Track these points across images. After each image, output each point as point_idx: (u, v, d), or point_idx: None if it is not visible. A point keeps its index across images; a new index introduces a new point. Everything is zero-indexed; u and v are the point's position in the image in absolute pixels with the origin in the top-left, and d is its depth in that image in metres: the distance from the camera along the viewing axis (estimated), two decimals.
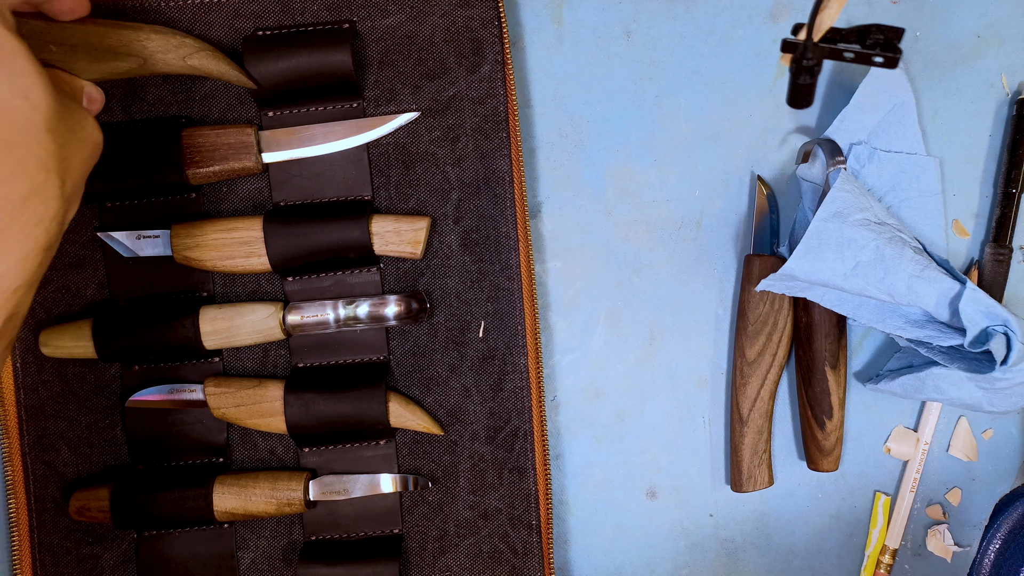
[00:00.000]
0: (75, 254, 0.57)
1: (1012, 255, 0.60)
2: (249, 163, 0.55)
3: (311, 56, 0.54)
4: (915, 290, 0.53)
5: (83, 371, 0.57)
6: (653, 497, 0.62)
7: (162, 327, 0.55)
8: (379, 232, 0.55)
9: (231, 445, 0.58)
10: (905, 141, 0.58)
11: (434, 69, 0.56)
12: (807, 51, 0.44)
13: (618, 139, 0.60)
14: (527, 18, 0.60)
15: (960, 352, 0.55)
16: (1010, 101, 0.60)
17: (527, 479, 0.58)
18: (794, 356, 0.60)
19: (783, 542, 0.62)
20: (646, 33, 0.60)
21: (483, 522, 0.58)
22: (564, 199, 0.60)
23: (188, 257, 0.55)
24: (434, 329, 0.58)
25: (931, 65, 0.60)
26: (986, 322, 0.53)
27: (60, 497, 0.57)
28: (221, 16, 0.56)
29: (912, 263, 0.53)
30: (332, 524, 0.58)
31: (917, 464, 0.61)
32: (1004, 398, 0.55)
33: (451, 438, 0.58)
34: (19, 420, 0.57)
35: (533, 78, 0.60)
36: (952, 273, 0.55)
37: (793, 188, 0.60)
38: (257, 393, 0.56)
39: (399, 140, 0.57)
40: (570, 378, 0.61)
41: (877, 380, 0.59)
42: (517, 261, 0.57)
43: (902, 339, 0.56)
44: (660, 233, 0.61)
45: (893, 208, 0.58)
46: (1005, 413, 0.59)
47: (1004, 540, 0.61)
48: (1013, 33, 0.60)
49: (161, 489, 0.56)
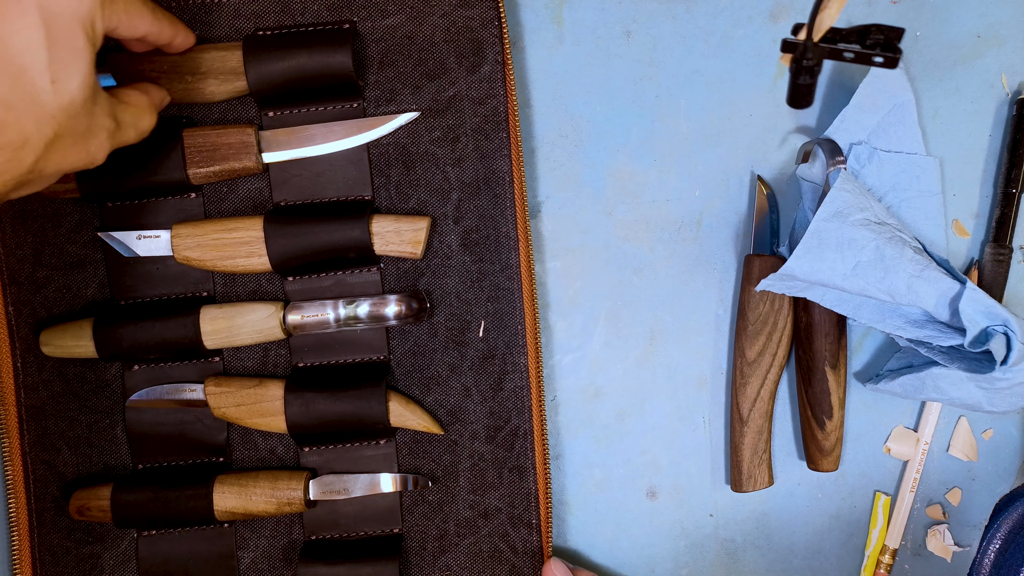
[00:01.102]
0: (76, 254, 0.57)
1: (1012, 255, 0.60)
2: (249, 163, 0.55)
3: (311, 56, 0.54)
4: (915, 290, 0.53)
5: (83, 371, 0.57)
6: (653, 497, 0.62)
7: (162, 327, 0.55)
8: (379, 232, 0.55)
9: (231, 445, 0.58)
10: (905, 141, 0.58)
11: (434, 69, 0.56)
12: (807, 51, 0.44)
13: (618, 139, 0.60)
14: (527, 18, 0.60)
15: (960, 352, 0.55)
16: (1010, 101, 0.60)
17: (527, 478, 0.58)
18: (794, 356, 0.60)
19: (783, 542, 0.62)
20: (646, 33, 0.60)
21: (483, 521, 0.58)
22: (564, 199, 0.60)
23: (188, 257, 0.55)
24: (434, 329, 0.58)
25: (931, 65, 0.60)
26: (986, 322, 0.53)
27: (60, 497, 0.57)
28: (221, 16, 0.56)
29: (912, 263, 0.53)
30: (332, 523, 0.58)
31: (917, 464, 0.61)
32: (1004, 398, 0.55)
33: (451, 437, 0.58)
34: (19, 420, 0.57)
35: (533, 78, 0.60)
36: (952, 273, 0.55)
37: (793, 188, 0.60)
38: (257, 393, 0.56)
39: (399, 140, 0.57)
40: (570, 378, 0.61)
41: (877, 380, 0.59)
42: (517, 261, 0.57)
43: (902, 339, 0.56)
44: (660, 233, 0.61)
45: (893, 208, 0.58)
46: (1005, 413, 0.59)
47: (1004, 540, 0.61)
48: (1013, 33, 0.60)
49: (161, 489, 0.56)
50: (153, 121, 0.50)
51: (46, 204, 0.56)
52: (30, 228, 0.56)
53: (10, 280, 0.56)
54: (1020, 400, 0.55)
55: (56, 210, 0.57)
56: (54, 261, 0.57)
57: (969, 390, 0.55)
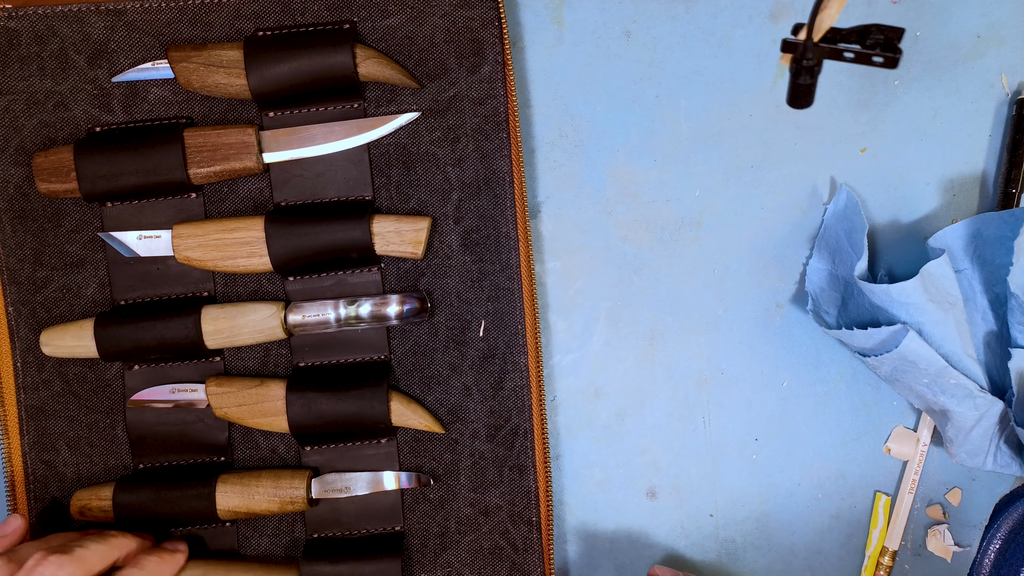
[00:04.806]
0: (76, 254, 0.57)
1: None
2: (250, 163, 0.55)
3: (312, 57, 0.54)
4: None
5: (84, 371, 0.57)
6: (653, 497, 0.62)
7: (163, 327, 0.55)
8: (380, 232, 0.55)
9: (233, 444, 0.58)
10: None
11: (434, 69, 0.57)
12: (807, 51, 0.44)
13: (618, 139, 0.60)
14: (527, 18, 0.60)
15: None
16: (1010, 101, 0.60)
17: (527, 476, 0.58)
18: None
19: (783, 542, 0.62)
20: (646, 33, 0.60)
21: (484, 519, 0.58)
22: (564, 199, 0.61)
23: (189, 257, 0.55)
24: (435, 328, 0.58)
25: (931, 65, 0.60)
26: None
27: (60, 497, 0.57)
28: (222, 16, 0.56)
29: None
30: (334, 522, 0.58)
31: (917, 464, 0.61)
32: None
33: (452, 436, 0.58)
34: (19, 420, 0.57)
35: (533, 78, 0.60)
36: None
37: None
38: (259, 392, 0.56)
39: (400, 140, 0.57)
40: (570, 378, 0.61)
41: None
42: (517, 261, 0.57)
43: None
44: (660, 233, 0.61)
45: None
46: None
47: (1004, 540, 0.61)
48: (1013, 33, 0.60)
49: (163, 488, 0.56)
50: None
51: (46, 204, 0.57)
52: (30, 228, 0.56)
53: (10, 280, 0.56)
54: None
55: (56, 210, 0.57)
56: (54, 261, 0.57)
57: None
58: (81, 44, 0.56)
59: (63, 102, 0.56)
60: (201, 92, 0.55)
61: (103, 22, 0.56)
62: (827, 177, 0.60)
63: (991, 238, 0.56)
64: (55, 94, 0.56)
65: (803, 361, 0.61)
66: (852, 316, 0.59)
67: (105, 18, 0.56)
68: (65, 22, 0.56)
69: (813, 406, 0.62)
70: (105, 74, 0.56)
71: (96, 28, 0.56)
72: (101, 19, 0.56)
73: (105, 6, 0.55)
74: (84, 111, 0.56)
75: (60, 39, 0.56)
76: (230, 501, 0.55)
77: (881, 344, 0.55)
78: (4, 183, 0.56)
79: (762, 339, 0.61)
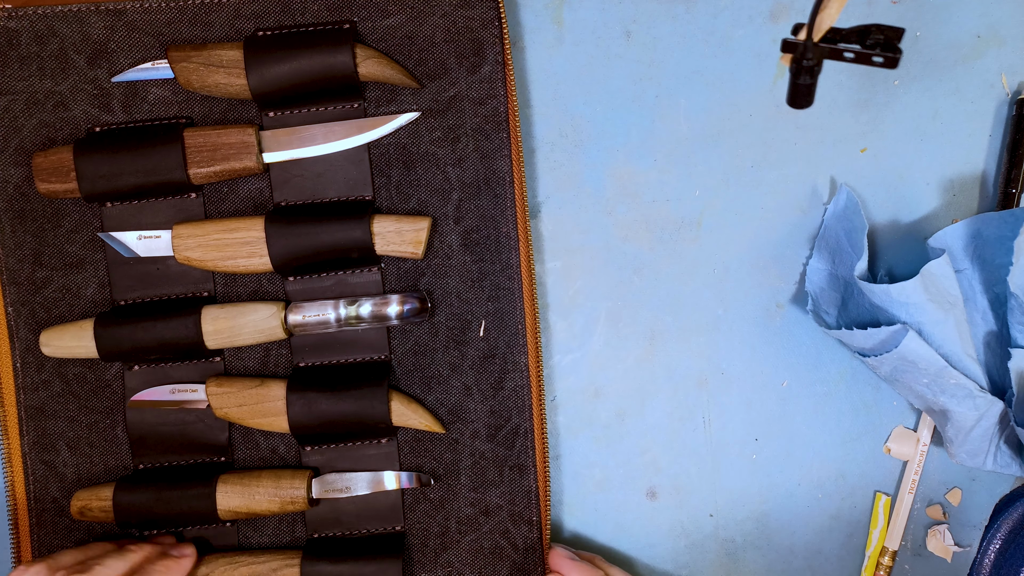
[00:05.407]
0: (76, 254, 0.57)
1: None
2: (250, 163, 0.55)
3: (312, 57, 0.54)
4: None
5: (84, 371, 0.57)
6: (653, 497, 0.62)
7: (163, 327, 0.55)
8: (380, 232, 0.55)
9: (233, 444, 0.58)
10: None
11: (434, 69, 0.57)
12: (807, 51, 0.44)
13: (618, 139, 0.60)
14: (527, 18, 0.60)
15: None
16: (1010, 101, 0.60)
17: (527, 476, 0.58)
18: None
19: (783, 542, 0.62)
20: (646, 33, 0.60)
21: (484, 519, 0.58)
22: (564, 199, 0.61)
23: (189, 257, 0.55)
24: (435, 328, 0.58)
25: (931, 65, 0.60)
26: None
27: (60, 497, 0.57)
28: (221, 16, 0.56)
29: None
30: (335, 521, 0.58)
31: (917, 464, 0.61)
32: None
33: (452, 436, 0.58)
34: (19, 420, 0.57)
35: (533, 78, 0.60)
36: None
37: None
38: (259, 393, 0.56)
39: (400, 140, 0.57)
40: (570, 378, 0.61)
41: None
42: (517, 261, 0.57)
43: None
44: (660, 233, 0.61)
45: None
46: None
47: (1004, 540, 0.61)
48: (1013, 33, 0.60)
49: (164, 488, 0.56)
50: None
51: (46, 204, 0.56)
52: (30, 228, 0.56)
53: (10, 280, 0.56)
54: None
55: (56, 210, 0.57)
56: (54, 261, 0.57)
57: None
58: (81, 44, 0.56)
59: (63, 102, 0.56)
60: (201, 92, 0.55)
61: (103, 22, 0.56)
62: (827, 177, 0.60)
63: (991, 238, 0.56)
64: (55, 94, 0.56)
65: (803, 361, 0.61)
66: (852, 316, 0.59)
67: (105, 18, 0.56)
68: (65, 22, 0.56)
69: (813, 406, 0.62)
70: (105, 74, 0.56)
71: (96, 28, 0.56)
72: (101, 19, 0.56)
73: (105, 6, 0.55)
74: (84, 111, 0.56)
75: (60, 39, 0.56)
76: (230, 501, 0.55)
77: (881, 344, 0.56)
78: (4, 183, 0.56)
79: (762, 339, 0.61)
